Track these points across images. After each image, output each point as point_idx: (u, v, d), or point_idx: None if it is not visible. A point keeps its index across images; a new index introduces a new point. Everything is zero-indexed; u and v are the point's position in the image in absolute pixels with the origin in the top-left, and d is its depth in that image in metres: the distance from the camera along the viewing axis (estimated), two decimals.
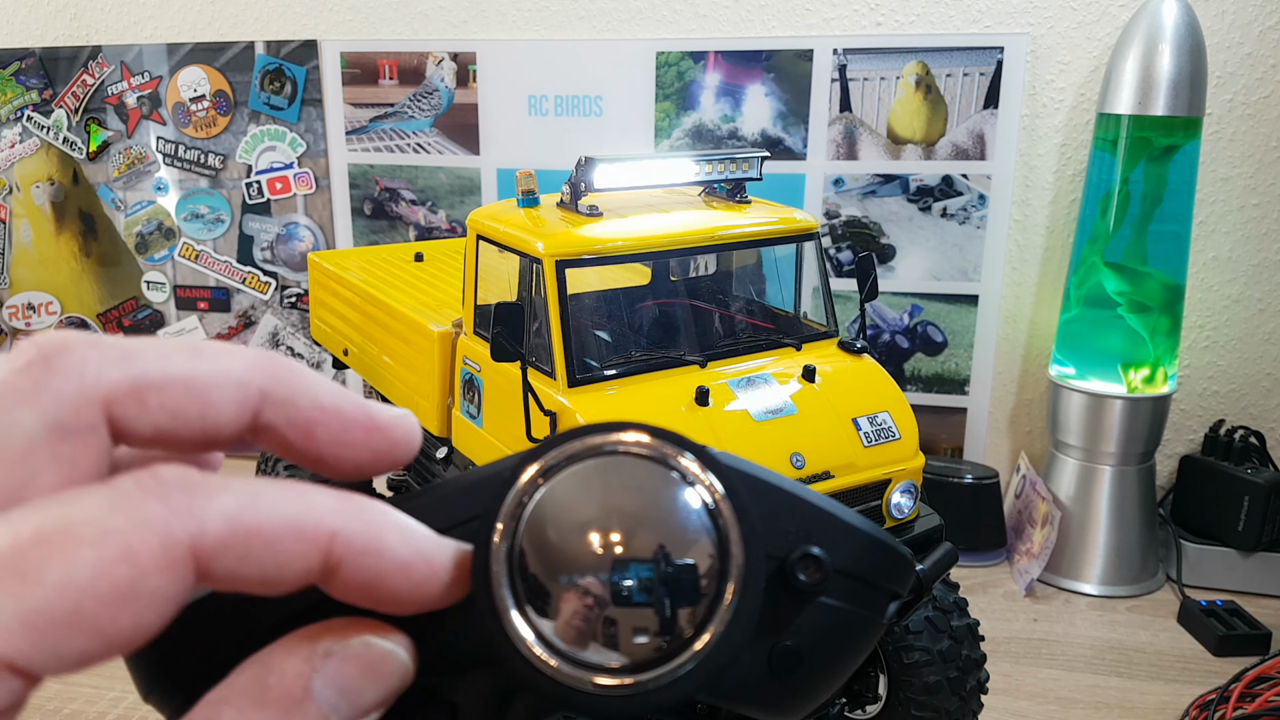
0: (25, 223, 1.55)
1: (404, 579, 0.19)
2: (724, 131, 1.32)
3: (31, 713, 0.93)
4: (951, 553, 0.77)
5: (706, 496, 0.20)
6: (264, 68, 1.42)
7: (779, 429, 0.72)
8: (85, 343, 0.19)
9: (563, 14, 1.34)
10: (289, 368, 0.21)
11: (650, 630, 0.19)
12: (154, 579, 0.17)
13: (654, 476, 0.20)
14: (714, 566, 0.19)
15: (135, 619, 0.17)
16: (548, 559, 0.19)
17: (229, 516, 0.17)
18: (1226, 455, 1.20)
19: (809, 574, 0.21)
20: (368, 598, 0.19)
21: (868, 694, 0.83)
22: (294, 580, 0.18)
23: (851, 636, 0.22)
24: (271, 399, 0.20)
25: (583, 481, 0.20)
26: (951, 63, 1.24)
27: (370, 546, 0.19)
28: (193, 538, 0.17)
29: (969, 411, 1.34)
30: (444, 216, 1.43)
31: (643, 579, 0.19)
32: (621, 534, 0.19)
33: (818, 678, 0.22)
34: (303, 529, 0.18)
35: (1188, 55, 1.08)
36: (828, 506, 0.22)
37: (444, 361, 0.87)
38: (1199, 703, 0.93)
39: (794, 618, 0.21)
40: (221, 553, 0.17)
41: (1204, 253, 1.26)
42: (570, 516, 0.20)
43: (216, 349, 0.20)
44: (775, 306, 0.88)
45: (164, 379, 0.19)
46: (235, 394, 0.20)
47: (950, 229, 1.29)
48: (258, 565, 0.18)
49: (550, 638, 0.19)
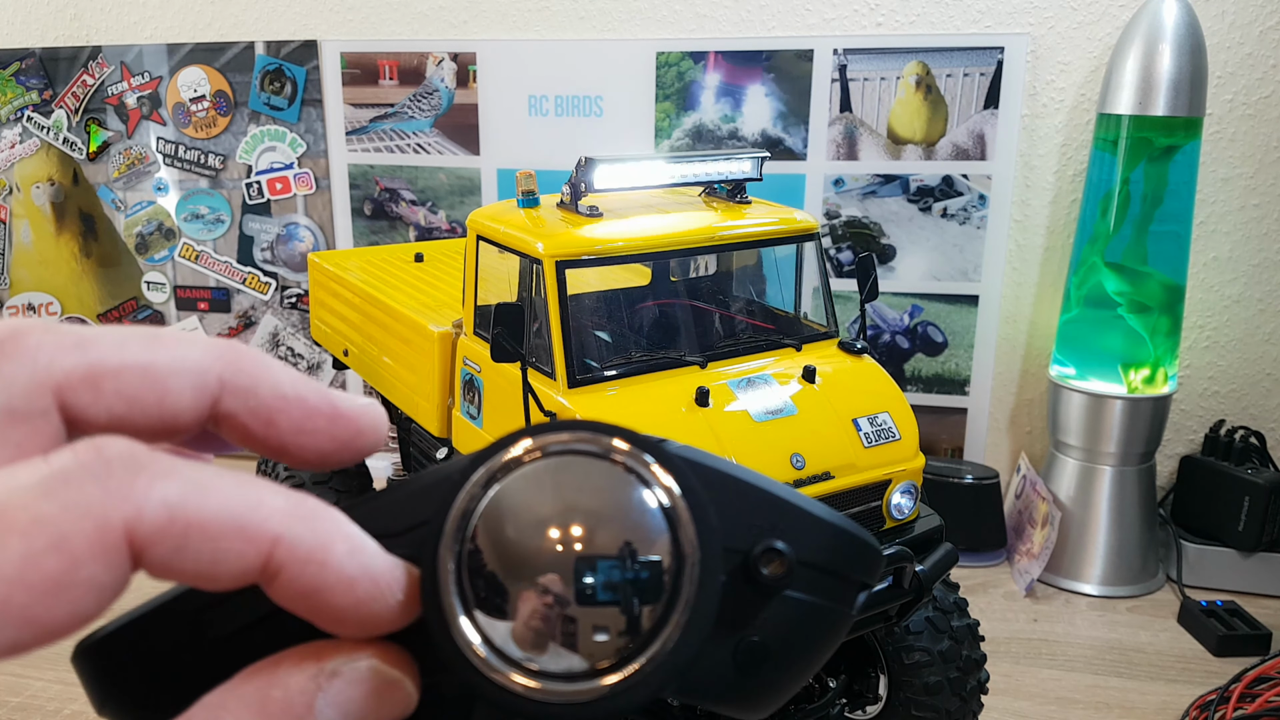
0: (25, 223, 1.55)
1: (346, 594, 0.18)
2: (724, 131, 1.32)
3: (31, 713, 0.93)
4: (951, 553, 0.77)
5: (660, 492, 0.19)
6: (264, 68, 1.42)
7: (779, 429, 0.72)
8: (40, 329, 0.19)
9: (563, 14, 1.34)
10: (250, 356, 0.20)
11: (608, 632, 0.19)
12: (88, 568, 0.16)
13: (606, 474, 0.20)
14: (670, 563, 0.19)
15: (70, 608, 0.16)
16: (498, 565, 0.19)
17: (170, 505, 0.17)
18: (1227, 455, 1.20)
19: (772, 568, 0.20)
20: (308, 609, 0.18)
21: (868, 694, 0.83)
22: (230, 578, 0.18)
23: (819, 629, 0.22)
24: (231, 387, 0.20)
25: (532, 483, 0.20)
26: (952, 63, 1.24)
27: (315, 556, 0.18)
28: (129, 524, 0.16)
29: (969, 412, 1.34)
30: (444, 217, 1.43)
31: (595, 581, 0.19)
32: (572, 534, 0.19)
33: (786, 672, 0.21)
34: (246, 528, 0.17)
35: (1188, 55, 1.08)
36: (791, 498, 0.21)
37: (444, 362, 0.87)
38: (1199, 703, 0.93)
39: (759, 612, 0.21)
40: (158, 542, 0.17)
41: (1204, 253, 1.26)
42: (519, 519, 0.19)
43: (175, 337, 0.20)
44: (775, 307, 0.88)
45: (120, 366, 0.19)
46: (193, 381, 0.19)
47: (950, 229, 1.29)
48: (194, 559, 0.17)
49: (503, 646, 0.19)
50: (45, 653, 0.20)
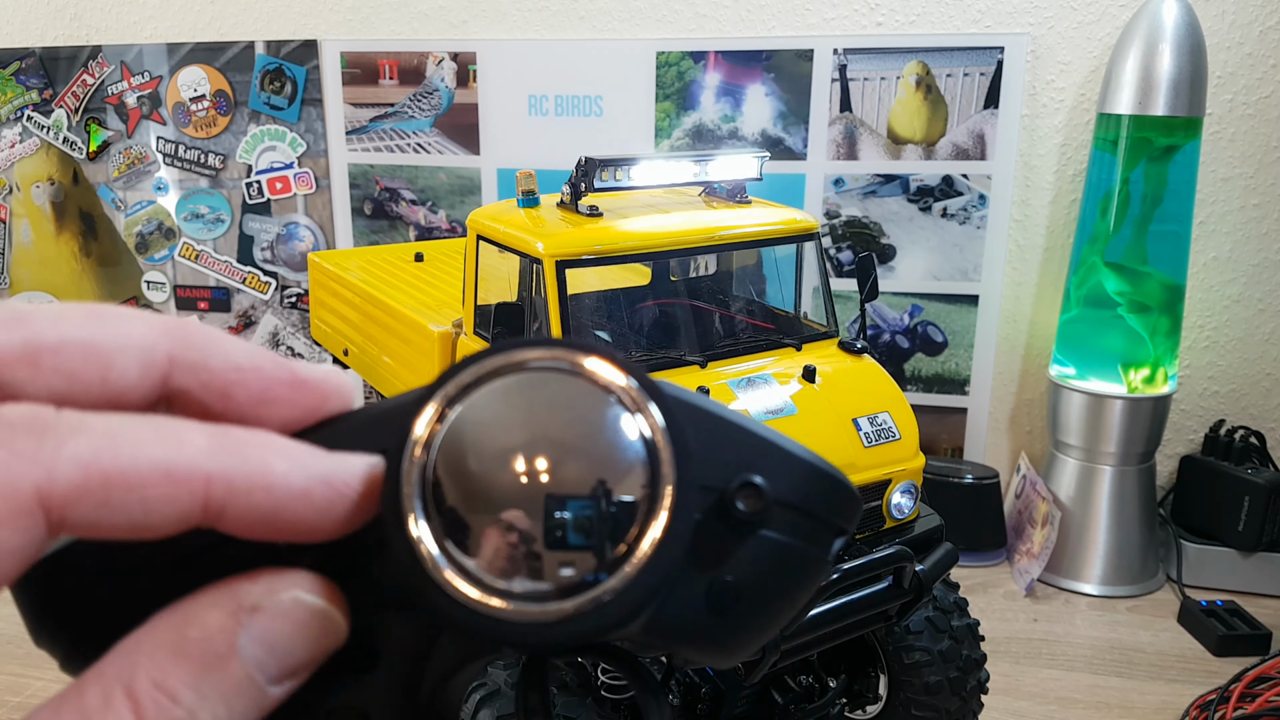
0: (25, 223, 1.55)
1: (306, 506, 0.18)
2: (724, 131, 1.32)
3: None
4: (951, 553, 0.77)
5: (641, 419, 0.19)
6: (264, 68, 1.42)
7: (779, 429, 0.72)
8: None
9: (563, 14, 1.34)
10: (199, 330, 0.20)
11: (575, 560, 0.18)
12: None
13: (585, 396, 0.19)
14: (644, 491, 0.18)
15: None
16: (463, 486, 0.18)
17: (83, 462, 0.16)
18: (1226, 455, 1.20)
19: (748, 503, 0.19)
20: (270, 532, 0.18)
21: (868, 694, 0.83)
22: (169, 526, 0.17)
23: (794, 572, 0.21)
24: (181, 363, 0.19)
25: (503, 400, 0.19)
26: (952, 63, 1.24)
27: (257, 482, 0.17)
28: (39, 487, 0.16)
29: (969, 411, 1.34)
30: (444, 216, 1.43)
31: (567, 508, 0.18)
32: (544, 459, 0.18)
33: (758, 615, 0.21)
34: (172, 472, 0.17)
35: (1188, 55, 1.08)
36: (772, 437, 0.21)
37: (444, 361, 0.87)
38: (1199, 703, 0.93)
39: (733, 551, 0.20)
40: (76, 501, 0.16)
41: (1204, 253, 1.26)
42: (487, 439, 0.18)
43: (118, 312, 0.19)
44: (775, 307, 0.88)
45: (59, 342, 0.18)
46: (139, 358, 0.19)
47: (950, 229, 1.29)
48: (123, 513, 0.17)
49: (471, 568, 0.18)
50: (45, 653, 0.20)
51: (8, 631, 1.02)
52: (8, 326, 0.18)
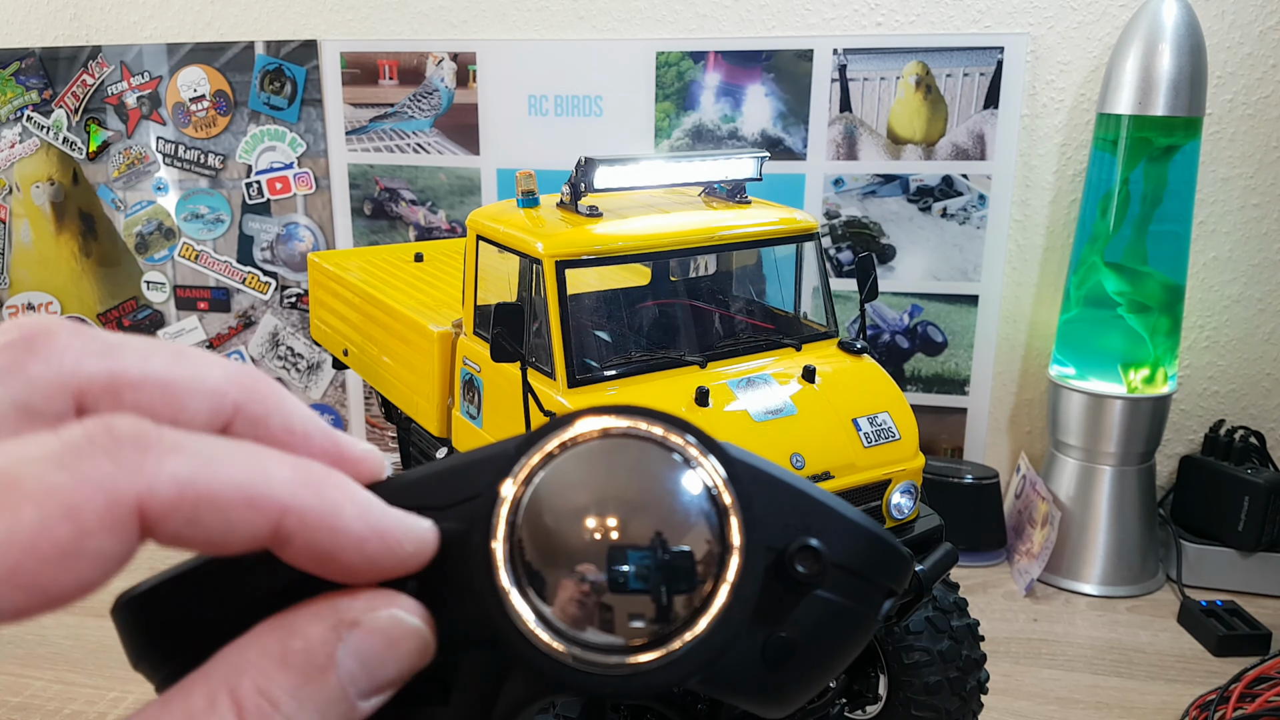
0: (25, 223, 1.55)
1: (357, 554, 0.19)
2: (724, 131, 1.32)
3: (31, 713, 0.93)
4: (951, 553, 0.77)
5: (710, 483, 0.20)
6: (264, 68, 1.42)
7: (779, 429, 0.72)
8: (69, 330, 0.19)
9: (563, 14, 1.34)
10: (268, 386, 0.21)
11: (647, 616, 0.19)
12: (97, 539, 0.16)
13: (659, 461, 0.20)
14: (713, 553, 0.19)
15: (76, 577, 0.16)
16: (548, 542, 0.19)
17: (180, 480, 0.17)
18: (1226, 455, 1.20)
19: (807, 565, 0.21)
20: (320, 567, 0.19)
21: (868, 694, 0.83)
22: (240, 546, 0.18)
23: (846, 630, 0.22)
24: (244, 414, 0.20)
25: (586, 464, 0.20)
26: (951, 63, 1.24)
27: (324, 522, 0.19)
28: (140, 499, 0.17)
29: (969, 411, 1.34)
30: (444, 216, 1.43)
31: (641, 566, 0.19)
32: (620, 519, 0.19)
33: (811, 670, 0.22)
34: (254, 499, 0.18)
35: (1188, 55, 1.08)
36: (829, 501, 0.22)
37: (444, 362, 0.87)
38: (1199, 703, 0.93)
39: (790, 609, 0.21)
40: (169, 516, 0.17)
41: (1204, 253, 1.26)
42: (571, 499, 0.20)
43: (199, 356, 0.20)
44: (775, 307, 0.88)
45: (142, 378, 0.19)
46: (209, 403, 0.20)
47: (950, 229, 1.29)
48: (204, 530, 0.18)
49: (550, 618, 0.19)
50: (45, 653, 0.21)
51: (7, 632, 1.02)
52: (97, 357, 0.19)
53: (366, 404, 1.51)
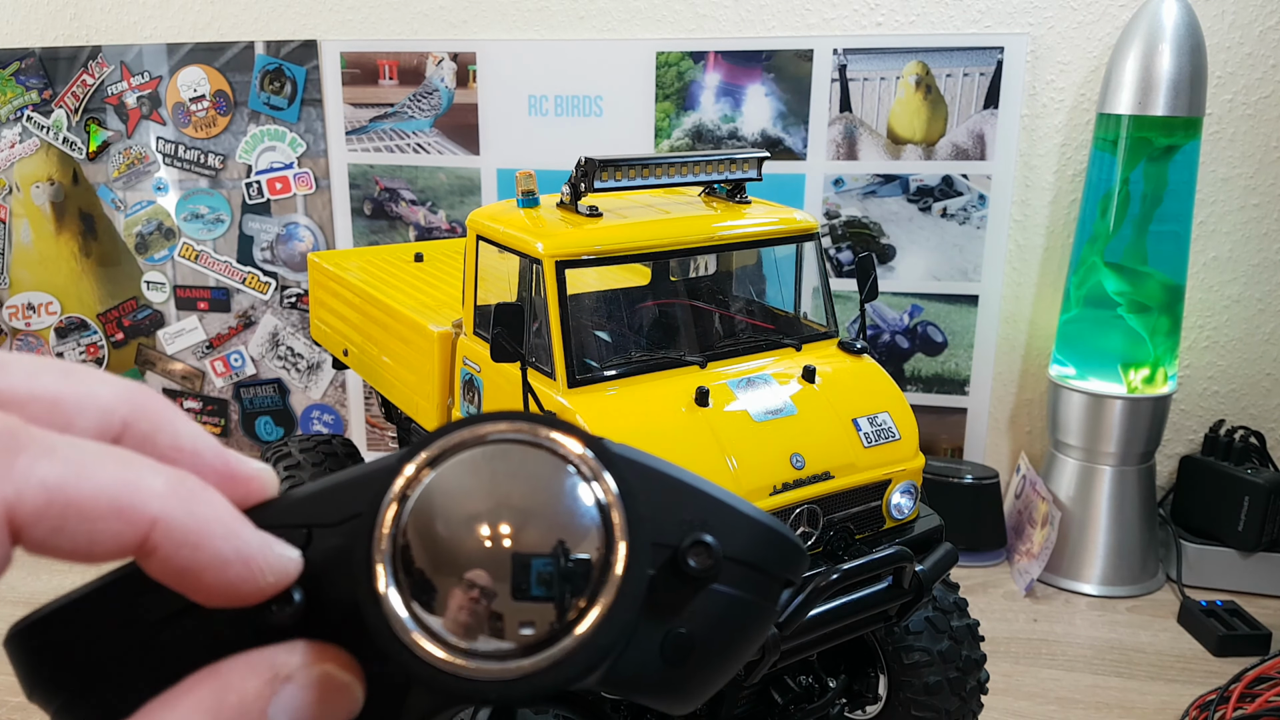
0: (25, 223, 1.55)
1: (217, 576, 0.19)
2: (724, 131, 1.32)
3: (31, 713, 0.93)
4: (951, 553, 0.77)
5: (595, 485, 0.20)
6: (264, 68, 1.42)
7: (779, 429, 0.72)
8: None
9: (563, 14, 1.34)
10: (157, 404, 0.21)
11: (531, 619, 0.19)
12: None
13: (538, 464, 0.20)
14: (597, 552, 0.19)
15: None
16: (427, 553, 0.19)
17: (49, 487, 0.17)
18: (1226, 455, 1.20)
19: (699, 560, 0.21)
20: (181, 584, 0.19)
21: (868, 694, 0.83)
22: (105, 556, 0.18)
23: (744, 623, 0.22)
24: (133, 431, 0.20)
25: (465, 473, 0.20)
26: (951, 63, 1.24)
27: (190, 539, 0.18)
28: (8, 504, 0.16)
29: (969, 411, 1.34)
30: (444, 216, 1.43)
31: (521, 569, 0.19)
32: (499, 524, 0.19)
33: (712, 664, 0.22)
34: (123, 510, 0.18)
35: (1188, 55, 1.08)
36: (721, 496, 0.22)
37: (444, 362, 0.87)
38: (1199, 703, 0.93)
39: (686, 604, 0.21)
40: (35, 523, 0.17)
41: (1204, 253, 1.26)
42: (450, 509, 0.20)
43: (88, 374, 0.20)
44: (775, 307, 0.88)
45: (29, 395, 0.19)
46: (97, 419, 0.20)
47: (950, 229, 1.29)
48: (70, 539, 0.17)
49: (436, 629, 0.19)
50: None
51: None
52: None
53: (366, 404, 1.51)
